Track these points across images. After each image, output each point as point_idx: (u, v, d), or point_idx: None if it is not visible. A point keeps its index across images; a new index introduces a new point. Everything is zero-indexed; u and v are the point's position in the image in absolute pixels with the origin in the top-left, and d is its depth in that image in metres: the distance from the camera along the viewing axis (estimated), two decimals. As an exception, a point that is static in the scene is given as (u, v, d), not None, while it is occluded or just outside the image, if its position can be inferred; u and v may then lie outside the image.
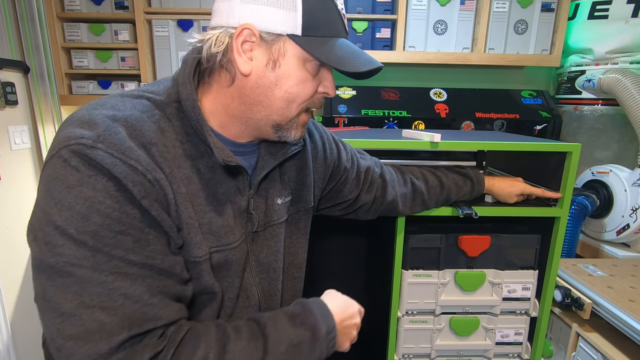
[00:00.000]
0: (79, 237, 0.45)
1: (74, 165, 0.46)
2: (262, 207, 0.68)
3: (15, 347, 1.54)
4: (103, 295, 0.45)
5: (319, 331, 0.59)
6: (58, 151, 0.47)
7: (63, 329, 0.45)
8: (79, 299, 0.45)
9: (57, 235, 0.45)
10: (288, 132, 0.63)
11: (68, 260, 0.45)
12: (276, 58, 0.57)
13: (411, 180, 0.93)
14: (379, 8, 1.72)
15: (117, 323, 0.45)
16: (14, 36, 1.54)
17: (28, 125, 1.62)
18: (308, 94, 0.61)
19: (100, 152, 0.47)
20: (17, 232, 1.57)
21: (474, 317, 1.09)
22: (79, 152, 0.46)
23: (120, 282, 0.46)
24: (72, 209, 0.45)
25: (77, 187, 0.46)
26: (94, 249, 0.45)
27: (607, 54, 1.63)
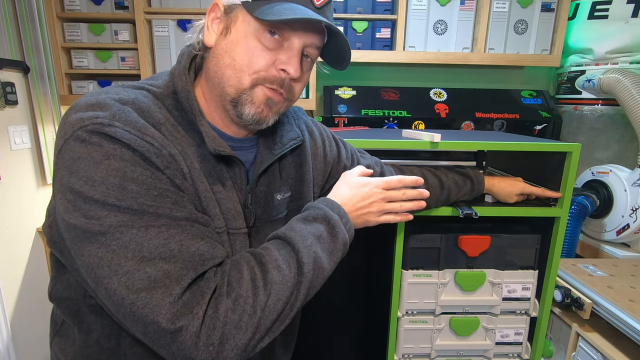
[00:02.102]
0: (121, 204, 0.47)
1: (96, 142, 0.47)
2: (261, 202, 0.68)
3: (16, 347, 1.54)
4: (160, 246, 0.47)
5: (332, 219, 0.62)
6: (73, 134, 0.48)
7: (132, 284, 0.46)
8: (139, 255, 0.46)
9: (99, 207, 0.46)
10: (243, 106, 0.59)
11: (120, 224, 0.46)
12: (228, 25, 0.58)
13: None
14: (379, 8, 1.72)
15: (181, 267, 0.48)
16: (14, 36, 1.54)
17: (28, 125, 1.62)
18: (257, 63, 0.57)
19: (118, 129, 0.48)
20: (17, 232, 1.57)
21: (474, 317, 1.09)
22: (97, 130, 0.48)
23: (173, 232, 0.49)
24: (105, 182, 0.46)
25: (104, 161, 0.47)
26: (140, 211, 0.47)
27: (607, 54, 1.63)
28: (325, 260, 0.59)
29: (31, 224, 1.65)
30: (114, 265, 0.46)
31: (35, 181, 1.67)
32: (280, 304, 0.53)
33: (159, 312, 0.46)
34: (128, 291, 0.46)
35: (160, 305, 0.46)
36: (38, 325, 1.67)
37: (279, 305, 0.53)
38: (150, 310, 0.46)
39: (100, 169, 0.47)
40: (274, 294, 0.52)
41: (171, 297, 0.46)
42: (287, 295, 0.54)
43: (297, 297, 0.55)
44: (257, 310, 0.51)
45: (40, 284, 1.68)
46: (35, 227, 1.67)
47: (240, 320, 0.49)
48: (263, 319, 0.51)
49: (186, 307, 0.47)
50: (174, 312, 0.46)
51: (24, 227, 1.61)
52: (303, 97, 1.74)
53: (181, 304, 0.47)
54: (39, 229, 1.67)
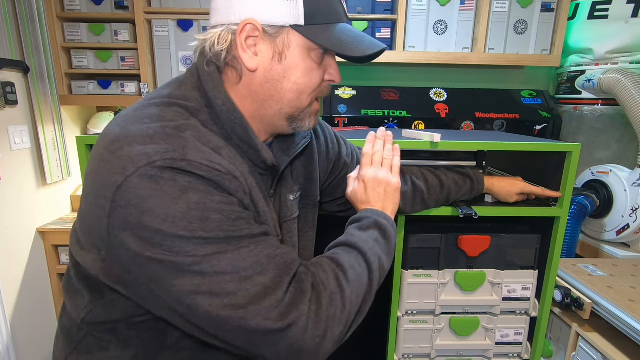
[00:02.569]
0: (208, 235, 0.48)
1: (168, 177, 0.47)
2: (277, 205, 0.70)
3: (15, 347, 1.54)
4: (253, 264, 0.50)
5: (383, 225, 0.68)
6: (137, 170, 0.46)
7: (237, 302, 0.48)
8: (237, 276, 0.49)
9: (184, 242, 0.47)
10: (302, 122, 0.64)
11: (212, 252, 0.48)
12: (281, 50, 0.57)
13: (411, 179, 0.94)
14: (379, 8, 1.72)
15: (275, 276, 0.51)
16: (14, 36, 1.54)
17: (28, 125, 1.62)
18: (316, 83, 0.61)
19: (189, 163, 0.48)
20: (17, 232, 1.57)
21: (474, 317, 1.09)
22: (169, 166, 0.47)
23: (260, 248, 0.52)
24: (187, 217, 0.47)
25: (183, 196, 0.47)
26: (226, 238, 0.49)
27: (607, 54, 1.63)
28: (385, 260, 0.65)
29: (31, 224, 1.65)
30: (215, 290, 0.48)
31: (35, 181, 1.67)
32: (360, 299, 0.58)
33: (269, 317, 0.49)
34: (234, 309, 0.48)
35: (269, 310, 0.49)
36: (38, 325, 1.68)
37: (359, 300, 0.58)
38: (261, 318, 0.49)
39: (180, 204, 0.46)
40: (355, 291, 0.57)
41: (277, 301, 0.50)
42: (364, 292, 0.59)
43: (370, 292, 0.61)
44: (346, 305, 0.55)
45: (40, 284, 1.68)
46: (35, 227, 1.67)
47: (336, 315, 0.54)
48: (350, 313, 0.56)
49: (292, 306, 0.51)
50: (282, 312, 0.50)
51: (24, 227, 1.61)
52: (303, 97, 1.74)
53: (286, 305, 0.50)
54: (39, 229, 1.67)
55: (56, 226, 1.69)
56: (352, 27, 0.61)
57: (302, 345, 0.51)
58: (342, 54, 0.58)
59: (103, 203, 0.47)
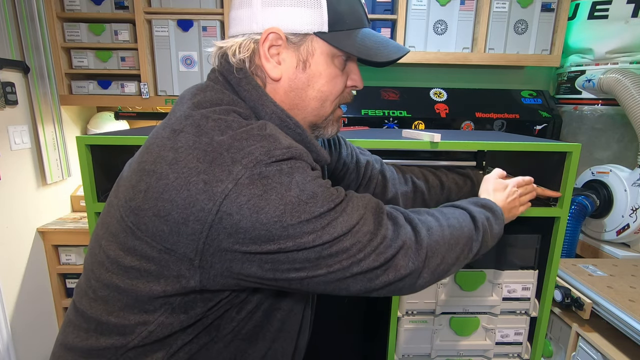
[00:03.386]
0: (321, 209, 0.50)
1: (275, 170, 0.49)
2: None
3: (15, 347, 1.54)
4: (358, 219, 0.53)
5: (497, 211, 0.72)
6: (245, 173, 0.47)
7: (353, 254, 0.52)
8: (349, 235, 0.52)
9: (306, 224, 0.49)
10: (325, 129, 0.64)
11: (328, 224, 0.50)
12: (305, 58, 0.57)
13: (412, 180, 0.94)
14: (379, 8, 1.72)
15: (374, 221, 0.55)
16: (14, 36, 1.54)
17: (28, 125, 1.62)
18: (339, 90, 0.61)
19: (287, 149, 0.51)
20: (17, 232, 1.57)
21: (474, 317, 1.09)
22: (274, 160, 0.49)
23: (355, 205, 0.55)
24: (301, 198, 0.49)
25: (292, 181, 0.49)
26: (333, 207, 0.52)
27: (607, 54, 1.63)
28: (490, 237, 0.67)
29: (31, 224, 1.65)
30: (334, 250, 0.51)
31: (35, 181, 1.67)
32: (459, 247, 0.61)
33: (380, 251, 0.53)
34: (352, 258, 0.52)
35: (378, 248, 0.53)
36: (38, 325, 1.68)
37: (457, 248, 0.61)
38: (374, 256, 0.53)
39: (293, 189, 0.49)
40: (455, 235, 0.61)
41: (382, 238, 0.54)
42: (463, 242, 0.62)
43: (471, 248, 0.63)
44: (445, 240, 0.59)
45: (40, 284, 1.68)
46: (35, 227, 1.67)
47: (436, 248, 0.57)
48: (447, 255, 0.59)
49: (395, 238, 0.55)
50: (389, 245, 0.54)
51: (24, 227, 1.61)
52: (303, 97, 1.74)
53: (390, 239, 0.54)
54: (39, 229, 1.67)
55: (56, 226, 1.69)
56: (374, 31, 0.61)
57: (405, 271, 0.54)
58: (368, 60, 0.57)
59: (202, 218, 0.47)
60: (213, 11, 1.68)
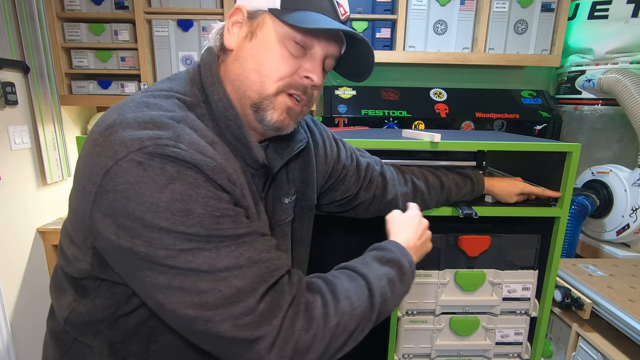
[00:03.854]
0: (189, 230, 0.46)
1: (157, 164, 0.46)
2: (270, 207, 0.69)
3: (15, 347, 1.54)
4: (232, 266, 0.48)
5: (404, 266, 0.65)
6: (127, 155, 0.45)
7: (206, 302, 0.47)
8: (212, 275, 0.47)
9: (164, 235, 0.46)
10: (265, 112, 0.59)
11: (189, 248, 0.47)
12: (254, 30, 0.59)
13: (412, 180, 0.93)
14: (379, 8, 1.72)
15: (252, 281, 0.49)
16: (14, 36, 1.54)
17: (28, 125, 1.62)
18: (284, 71, 0.58)
19: (182, 150, 0.47)
20: (17, 232, 1.57)
21: (474, 317, 1.09)
22: (160, 152, 0.46)
23: (241, 250, 0.49)
24: (170, 208, 0.45)
25: (168, 186, 0.46)
26: (207, 236, 0.47)
27: (607, 54, 1.63)
28: (391, 303, 0.61)
29: (31, 224, 1.65)
30: (187, 286, 0.47)
31: (35, 181, 1.67)
32: (346, 334, 0.55)
33: (238, 323, 0.47)
34: (204, 309, 0.47)
35: (239, 317, 0.47)
36: (38, 325, 1.67)
37: (344, 336, 0.54)
38: (229, 324, 0.47)
39: (165, 193, 0.45)
40: (342, 324, 0.54)
41: (248, 310, 0.48)
42: (353, 328, 0.55)
43: (363, 330, 0.57)
44: (326, 336, 0.52)
45: (40, 284, 1.68)
46: (36, 227, 1.67)
47: (312, 343, 0.51)
48: (330, 346, 0.53)
49: (264, 318, 0.48)
50: (253, 322, 0.48)
51: (24, 227, 1.61)
52: (303, 97, 1.74)
53: (258, 315, 0.48)
54: (39, 229, 1.67)
55: (56, 226, 1.69)
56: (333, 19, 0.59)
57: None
58: (295, 25, 0.55)
59: (90, 188, 0.47)
60: (213, 11, 1.68)
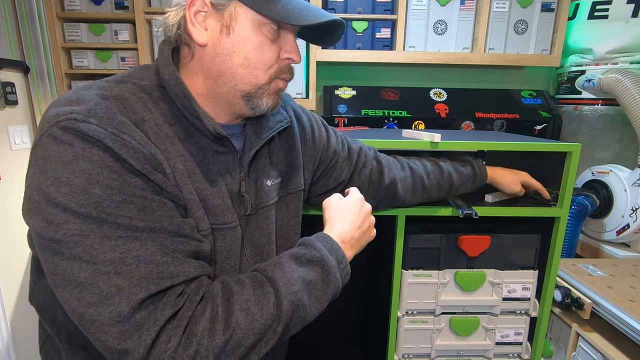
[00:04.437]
0: (81, 210, 0.45)
1: (67, 140, 0.46)
2: (252, 189, 0.68)
3: (15, 347, 1.54)
4: (116, 260, 0.45)
5: (328, 265, 0.59)
6: (47, 130, 0.47)
7: (83, 298, 0.45)
8: (92, 267, 0.45)
9: (59, 212, 0.45)
10: (259, 100, 0.61)
11: (75, 233, 0.45)
12: (229, 23, 0.56)
13: (409, 165, 0.91)
14: (379, 8, 1.72)
15: (134, 284, 0.45)
16: (14, 36, 1.54)
17: (28, 125, 1.62)
18: (270, 59, 0.59)
19: (92, 125, 0.47)
20: (17, 232, 1.57)
21: (474, 317, 1.09)
22: (71, 127, 0.46)
23: (131, 246, 0.46)
24: (70, 183, 0.45)
25: (73, 162, 0.45)
26: (98, 220, 0.45)
27: (607, 54, 1.63)
28: (309, 307, 0.56)
29: (31, 224, 1.65)
30: (68, 275, 0.45)
31: (35, 181, 1.67)
32: (242, 349, 0.49)
33: (106, 330, 0.44)
34: (78, 304, 0.45)
35: (107, 323, 0.44)
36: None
37: (239, 351, 0.49)
38: (96, 327, 0.45)
39: (68, 169, 0.45)
40: (234, 339, 0.49)
41: (119, 316, 0.44)
42: (251, 342, 0.50)
43: (267, 342, 0.52)
44: (211, 354, 0.47)
45: (40, 284, 1.68)
46: (35, 227, 1.67)
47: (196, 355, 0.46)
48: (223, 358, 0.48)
49: (135, 329, 0.45)
50: (122, 331, 0.44)
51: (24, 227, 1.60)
52: (303, 97, 1.74)
53: (130, 325, 0.45)
54: (39, 229, 1.67)
55: (56, 226, 1.69)
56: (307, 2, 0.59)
57: None
58: (284, 22, 0.56)
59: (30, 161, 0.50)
60: (213, 11, 1.67)
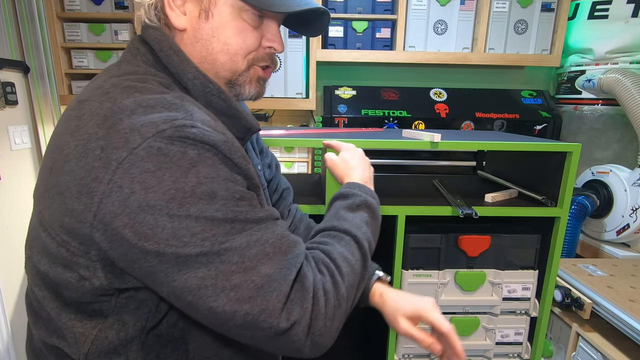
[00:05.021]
0: (215, 215, 0.45)
1: (178, 149, 0.43)
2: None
3: (15, 347, 1.54)
4: (259, 253, 0.47)
5: (372, 204, 0.65)
6: (142, 143, 0.42)
7: (242, 296, 0.45)
8: (242, 267, 0.45)
9: (192, 222, 0.43)
10: (242, 87, 0.60)
11: (217, 239, 0.45)
12: (207, 7, 0.55)
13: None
14: (379, 8, 1.72)
15: (282, 267, 0.48)
16: (14, 36, 1.54)
17: (28, 125, 1.62)
18: (250, 45, 0.58)
19: (199, 129, 0.46)
20: (17, 232, 1.57)
21: (474, 317, 1.09)
22: (179, 134, 0.44)
23: (265, 236, 0.48)
24: (196, 192, 0.44)
25: (192, 169, 0.44)
26: (232, 220, 0.46)
27: (607, 54, 1.63)
28: (374, 242, 0.63)
29: (31, 224, 1.65)
30: (220, 282, 0.45)
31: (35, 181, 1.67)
32: (353, 291, 0.56)
33: (274, 313, 0.46)
34: (240, 303, 0.45)
35: (275, 306, 0.46)
36: (38, 325, 1.67)
37: (352, 293, 0.56)
38: (266, 314, 0.46)
39: (190, 177, 0.43)
40: (349, 285, 0.55)
41: (283, 296, 0.47)
42: (357, 282, 0.57)
43: (362, 280, 0.59)
44: (342, 301, 0.53)
45: (40, 284, 1.68)
46: (35, 227, 1.67)
47: (334, 313, 0.52)
48: (346, 307, 0.54)
49: (296, 304, 0.48)
50: (288, 308, 0.47)
51: (24, 227, 1.61)
52: (303, 97, 1.73)
53: (291, 302, 0.47)
54: (39, 229, 1.67)
55: (56, 226, 1.69)
56: None
57: (303, 344, 0.48)
58: (263, 9, 0.55)
59: (93, 189, 0.42)
60: (213, 11, 1.67)
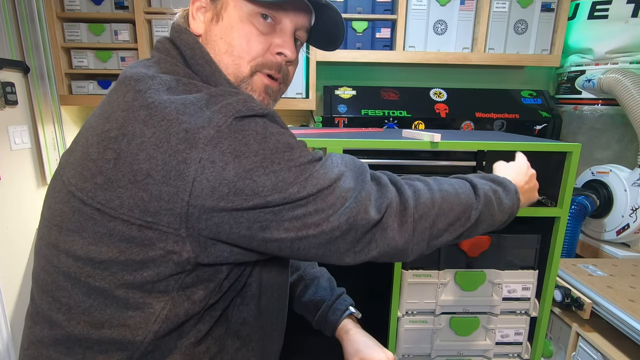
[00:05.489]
0: (300, 161, 0.50)
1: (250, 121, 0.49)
2: None
3: (16, 347, 1.54)
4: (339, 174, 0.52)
5: (509, 185, 0.66)
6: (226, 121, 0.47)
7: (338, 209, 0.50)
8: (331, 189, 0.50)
9: (286, 173, 0.48)
10: None
11: (308, 176, 0.49)
12: (219, 11, 0.59)
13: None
14: (379, 8, 1.72)
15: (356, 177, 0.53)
16: (14, 36, 1.54)
17: (28, 125, 1.62)
18: (256, 50, 0.58)
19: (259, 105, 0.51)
20: (17, 232, 1.57)
21: (474, 317, 1.09)
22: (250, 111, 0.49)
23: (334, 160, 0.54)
24: (278, 148, 0.49)
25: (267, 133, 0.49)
26: (310, 160, 0.51)
27: (607, 54, 1.63)
28: (497, 210, 0.62)
29: (31, 223, 1.65)
30: (320, 206, 0.49)
31: (35, 181, 1.67)
32: (452, 214, 0.57)
33: (368, 209, 0.51)
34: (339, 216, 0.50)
35: (366, 203, 0.51)
36: (38, 325, 1.67)
37: (451, 215, 0.57)
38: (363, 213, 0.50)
39: (269, 139, 0.48)
40: (447, 201, 0.57)
41: (368, 193, 0.52)
42: (460, 210, 0.58)
43: (469, 218, 0.59)
44: (435, 203, 0.55)
45: (40, 284, 1.68)
46: (35, 227, 1.67)
47: (425, 209, 0.54)
48: (440, 217, 0.56)
49: (381, 195, 0.53)
50: (376, 199, 0.52)
51: (24, 227, 1.61)
52: (303, 97, 1.73)
53: (375, 195, 0.53)
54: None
55: (56, 226, 1.69)
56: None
57: (393, 232, 0.52)
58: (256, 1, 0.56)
59: (182, 170, 0.44)
60: (213, 11, 1.67)
